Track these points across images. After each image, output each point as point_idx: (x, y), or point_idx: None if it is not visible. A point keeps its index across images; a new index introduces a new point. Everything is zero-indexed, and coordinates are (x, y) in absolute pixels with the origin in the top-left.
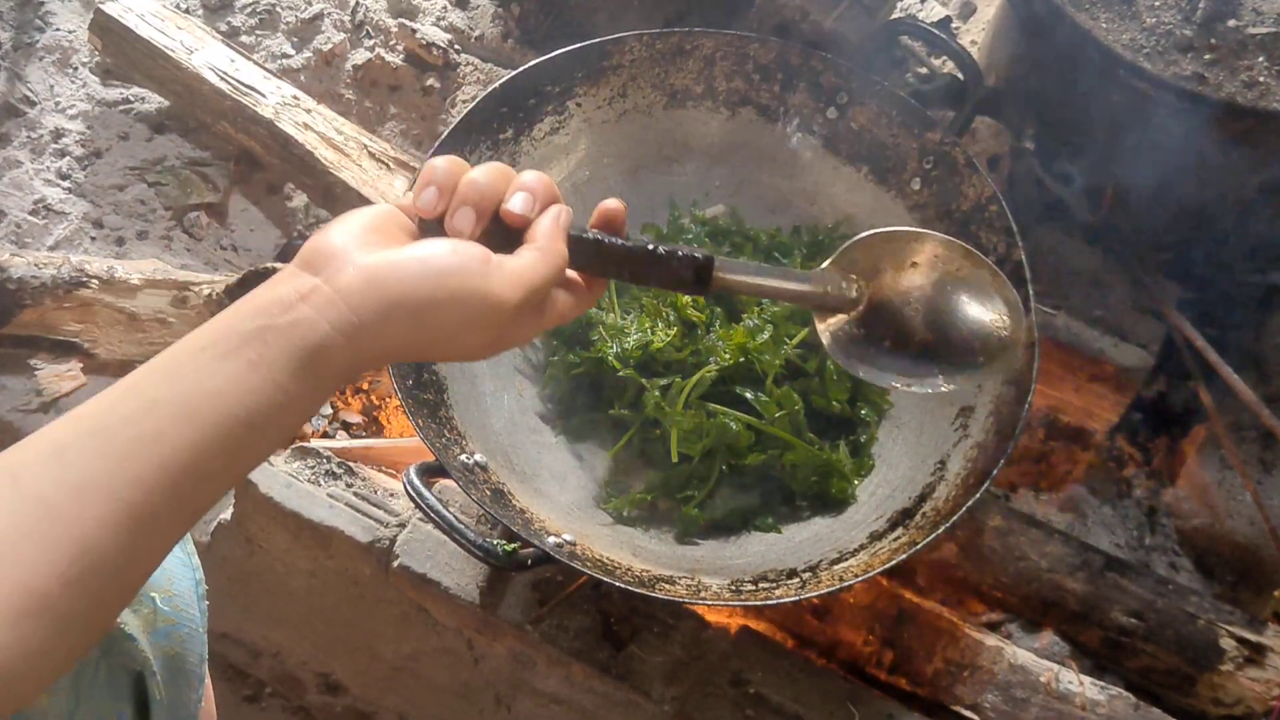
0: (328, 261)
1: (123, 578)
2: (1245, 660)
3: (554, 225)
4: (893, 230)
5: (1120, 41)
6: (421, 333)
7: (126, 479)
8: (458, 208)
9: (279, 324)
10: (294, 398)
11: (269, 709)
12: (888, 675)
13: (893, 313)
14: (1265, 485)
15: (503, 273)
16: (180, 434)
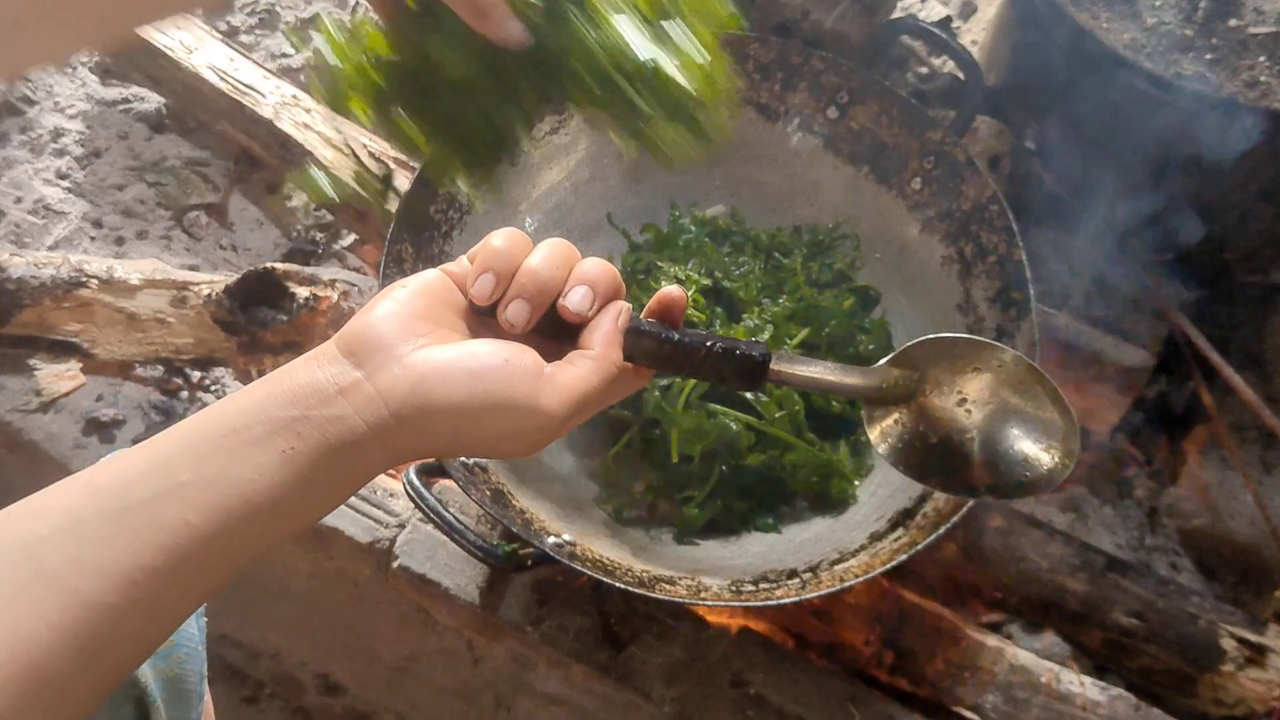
0: (372, 354)
1: (133, 651)
2: (1246, 661)
3: (612, 329)
4: (959, 336)
5: (1121, 41)
6: (461, 440)
7: (143, 565)
8: (513, 298)
9: (315, 417)
10: (320, 493)
11: (268, 710)
12: (888, 676)
13: (944, 420)
14: (1266, 485)
15: (553, 386)
16: (203, 523)
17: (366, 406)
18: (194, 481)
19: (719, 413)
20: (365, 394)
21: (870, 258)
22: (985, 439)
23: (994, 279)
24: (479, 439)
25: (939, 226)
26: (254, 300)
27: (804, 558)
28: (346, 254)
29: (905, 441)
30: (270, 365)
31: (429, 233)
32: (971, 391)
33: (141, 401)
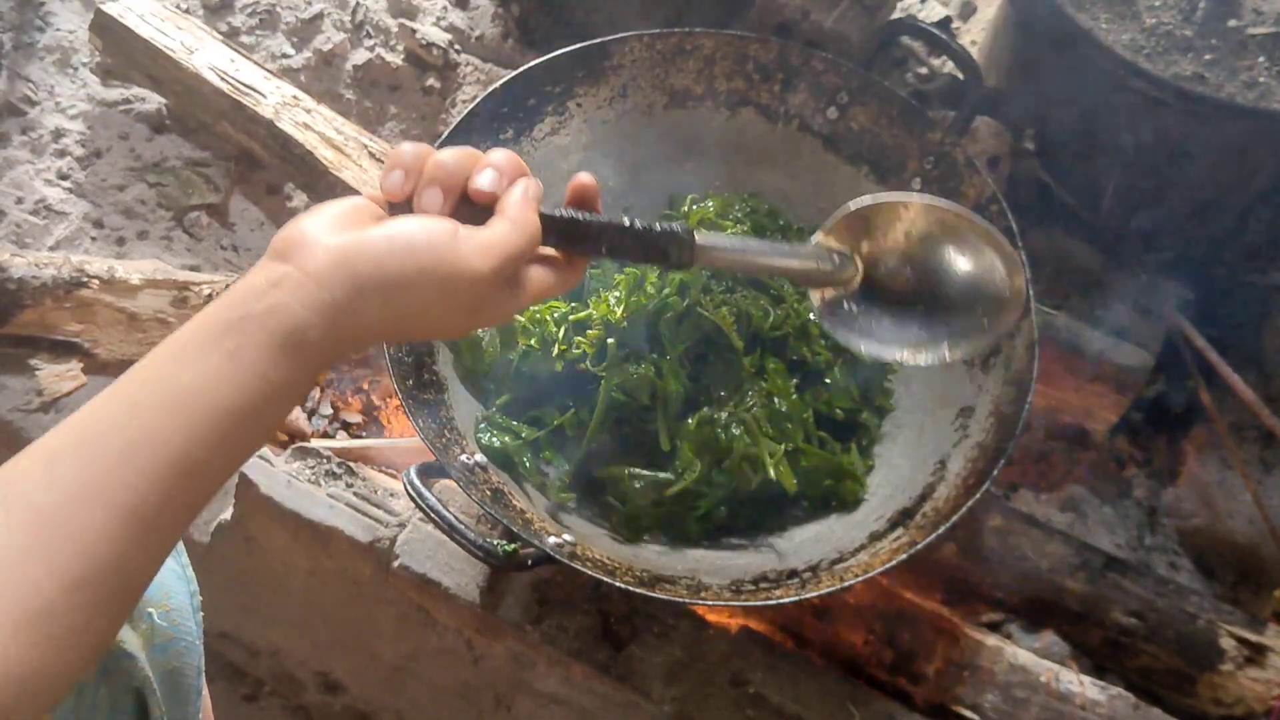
0: (298, 248)
1: (123, 583)
2: (1245, 660)
3: (523, 197)
4: (880, 197)
5: (1120, 42)
6: (395, 308)
7: (118, 483)
8: (425, 188)
9: (253, 313)
10: (276, 384)
11: (268, 708)
12: (888, 675)
13: (889, 284)
14: (1265, 485)
15: (473, 243)
16: (166, 433)
17: (299, 291)
18: (150, 399)
19: (725, 425)
20: (296, 280)
21: None
22: (932, 292)
23: None
24: (413, 306)
25: None
26: None
27: (804, 557)
28: None
29: (856, 317)
30: None
31: None
32: (908, 250)
33: None
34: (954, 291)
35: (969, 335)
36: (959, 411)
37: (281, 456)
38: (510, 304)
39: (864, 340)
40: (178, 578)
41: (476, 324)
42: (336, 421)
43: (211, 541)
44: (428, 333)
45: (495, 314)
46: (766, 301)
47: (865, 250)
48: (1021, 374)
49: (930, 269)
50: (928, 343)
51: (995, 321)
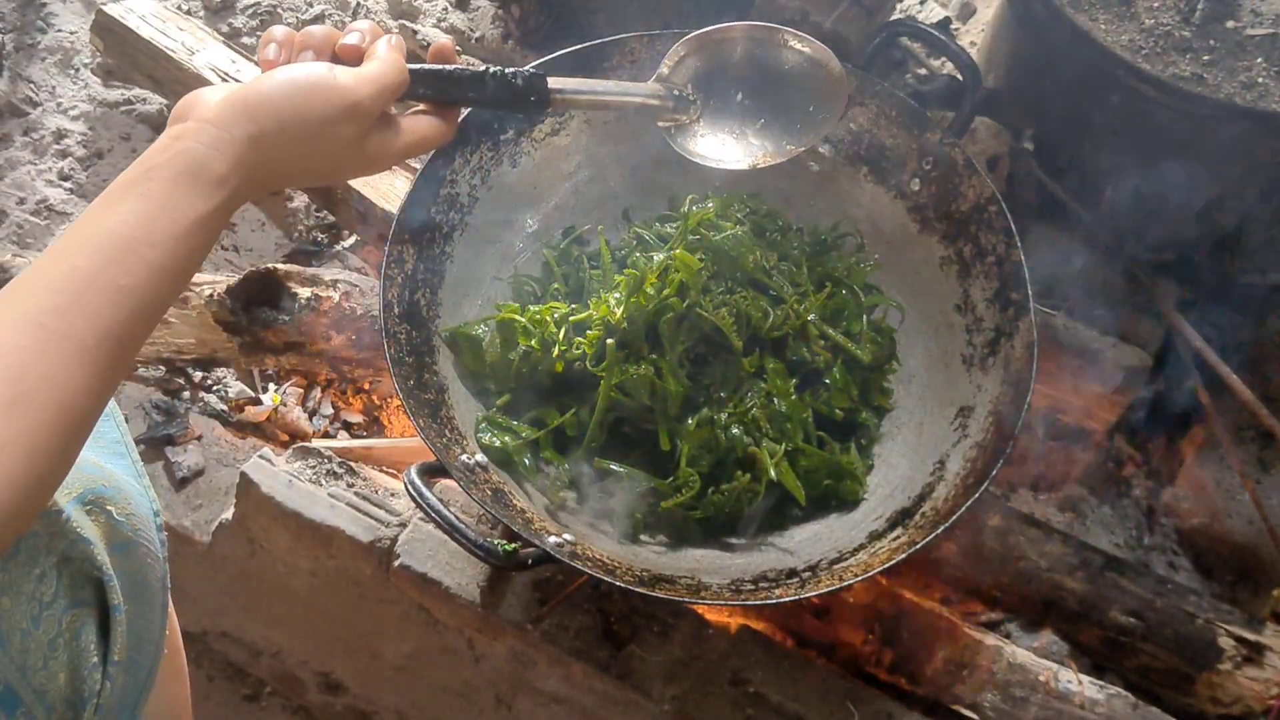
0: (192, 106)
1: (58, 401)
2: (1244, 659)
3: (388, 44)
4: (701, 31)
5: (1119, 42)
6: (291, 137)
7: (48, 309)
8: (298, 54)
9: (161, 161)
10: (190, 215)
11: (269, 708)
12: (887, 674)
13: (729, 106)
14: (1264, 485)
15: (348, 74)
16: (86, 263)
17: (199, 134)
18: (71, 243)
19: (727, 426)
20: (194, 128)
21: (869, 258)
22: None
23: (992, 279)
24: (306, 134)
25: (938, 227)
26: (256, 300)
27: (803, 557)
28: (348, 254)
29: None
30: (272, 365)
31: (429, 233)
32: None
33: (143, 401)
34: (786, 97)
35: (808, 128)
36: (958, 411)
37: (283, 456)
38: (391, 142)
39: (718, 157)
40: (138, 493)
41: (367, 161)
42: (337, 421)
43: (212, 542)
44: (325, 166)
45: (381, 151)
46: (766, 302)
47: (701, 82)
48: (1020, 374)
49: (760, 84)
50: (774, 147)
51: (829, 111)
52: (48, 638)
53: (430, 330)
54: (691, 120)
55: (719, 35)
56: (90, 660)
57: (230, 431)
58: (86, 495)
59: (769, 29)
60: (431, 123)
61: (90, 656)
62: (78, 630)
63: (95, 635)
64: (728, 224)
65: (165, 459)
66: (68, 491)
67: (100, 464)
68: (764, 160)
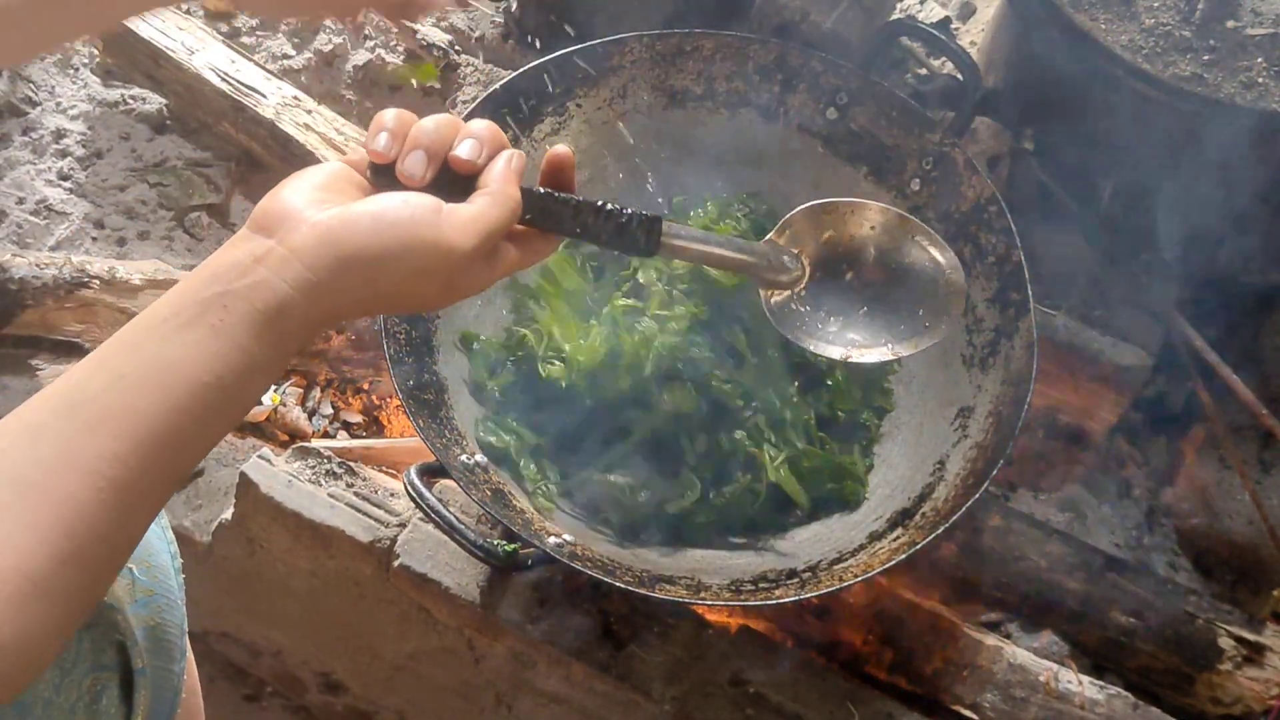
0: (281, 222)
1: (110, 551)
2: (1244, 660)
3: (506, 169)
4: (830, 201)
5: (1119, 42)
6: (377, 286)
7: (102, 454)
8: (409, 152)
9: (237, 288)
10: (258, 359)
11: (269, 708)
12: (887, 675)
13: (835, 285)
14: (1264, 485)
15: (455, 220)
16: (150, 405)
17: (283, 267)
18: (134, 370)
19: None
20: (279, 256)
21: None
22: (877, 293)
23: (993, 279)
24: (394, 284)
25: (938, 227)
26: None
27: (803, 557)
28: None
29: (804, 317)
30: None
31: None
32: (855, 252)
33: None
34: (897, 293)
35: (911, 335)
36: (958, 412)
37: (282, 456)
38: (484, 277)
39: (811, 338)
40: (158, 538)
41: (451, 298)
42: (337, 421)
43: (212, 542)
44: (404, 307)
45: (469, 287)
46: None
47: (813, 252)
48: (1020, 374)
49: (874, 271)
50: (871, 342)
51: (936, 322)
52: (69, 703)
53: (430, 330)
54: (795, 287)
55: (845, 208)
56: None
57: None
58: None
59: (901, 217)
60: (526, 252)
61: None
62: (99, 693)
63: (117, 698)
64: (724, 225)
65: None
66: None
67: None
68: (857, 355)
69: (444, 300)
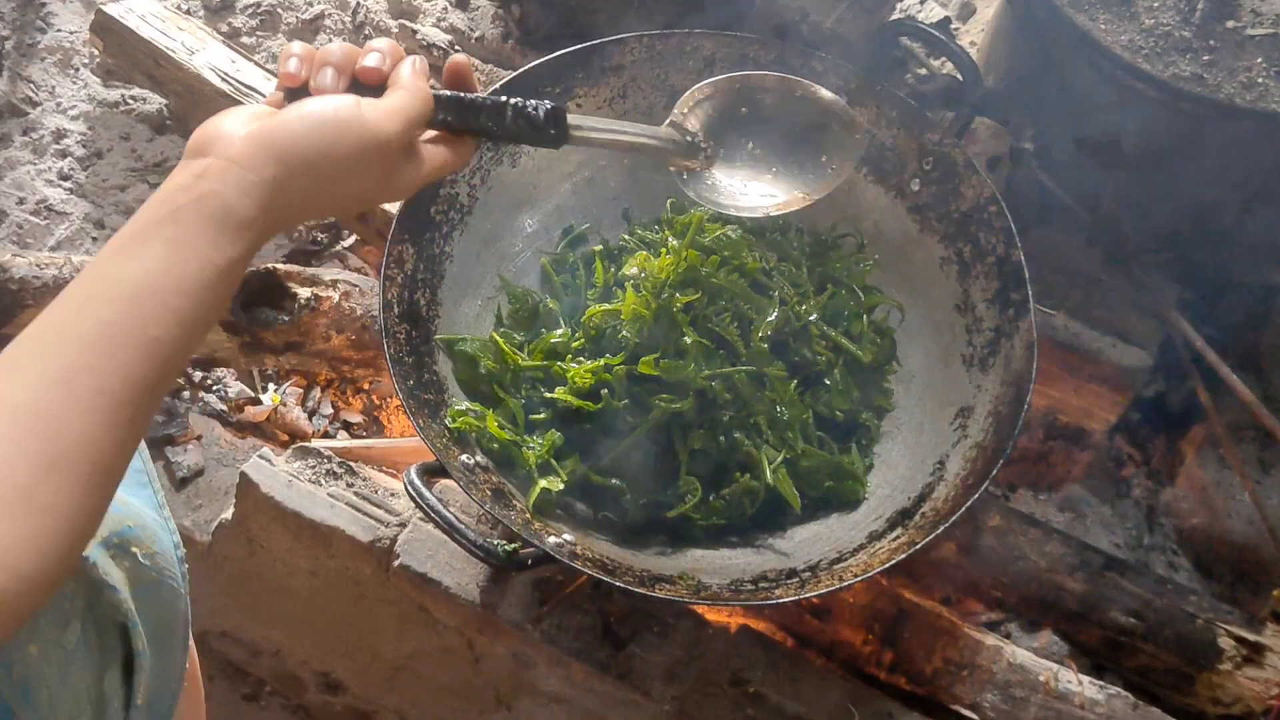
0: (214, 142)
1: (96, 458)
2: (1244, 659)
3: (412, 69)
4: (712, 81)
5: (1119, 42)
6: (318, 179)
7: (77, 366)
8: (319, 70)
9: (185, 203)
10: (218, 263)
11: (269, 708)
12: (887, 675)
13: (742, 154)
14: (1263, 485)
15: (375, 109)
16: (117, 317)
17: (225, 175)
18: (100, 292)
19: (729, 427)
20: (220, 167)
21: (869, 258)
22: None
23: (992, 279)
24: (333, 174)
25: (938, 227)
26: (256, 301)
27: (803, 557)
28: (348, 254)
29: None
30: (271, 365)
31: (429, 233)
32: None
33: None
34: (800, 147)
35: (820, 180)
36: (958, 412)
37: (282, 456)
38: (413, 173)
39: (731, 204)
40: (161, 528)
41: (389, 193)
42: (337, 421)
43: (212, 542)
44: (349, 203)
45: (403, 183)
46: (766, 304)
47: (713, 130)
48: (1020, 374)
49: (773, 134)
50: (786, 194)
51: (842, 162)
52: (73, 685)
53: (430, 330)
54: (703, 167)
55: (732, 83)
56: (113, 705)
57: (230, 431)
58: (113, 539)
59: (783, 79)
60: (449, 151)
61: (113, 701)
62: (102, 675)
63: (119, 680)
64: (719, 225)
65: (165, 459)
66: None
67: (125, 500)
68: (776, 209)
69: (383, 193)
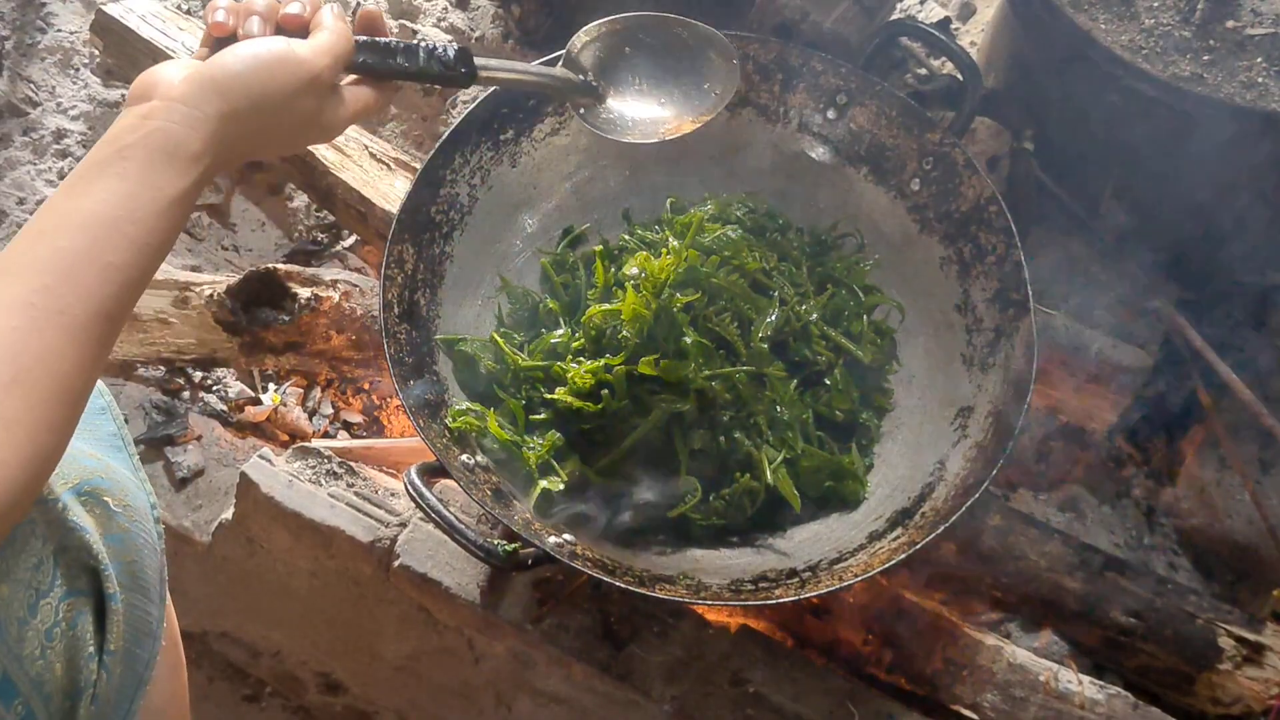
0: (154, 86)
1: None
2: (1244, 659)
3: (331, 11)
4: (592, 25)
5: (1119, 42)
6: (259, 114)
7: (33, 288)
8: (245, 18)
9: (132, 141)
10: (168, 190)
11: (269, 708)
12: (887, 674)
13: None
14: (1263, 485)
15: (305, 47)
16: (70, 243)
17: (169, 113)
18: (53, 225)
19: (730, 429)
20: (163, 107)
21: (869, 259)
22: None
23: (992, 279)
24: (273, 107)
25: (938, 227)
26: (256, 301)
27: (803, 557)
28: (348, 254)
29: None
30: (271, 365)
31: (429, 233)
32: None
33: (143, 402)
34: (683, 78)
35: (706, 104)
36: (958, 412)
37: (282, 456)
38: (341, 112)
39: (628, 134)
40: (136, 486)
41: (322, 130)
42: (337, 421)
43: (212, 542)
44: (289, 138)
45: (334, 122)
46: (766, 304)
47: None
48: (1020, 374)
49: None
50: (677, 121)
51: (725, 87)
52: (44, 627)
53: (430, 330)
54: (597, 102)
55: (613, 26)
56: (86, 650)
57: (230, 431)
58: (83, 486)
59: (658, 18)
60: (370, 93)
61: (86, 646)
62: (74, 619)
63: (92, 625)
64: (716, 225)
65: (165, 459)
66: (64, 481)
67: (98, 456)
68: (669, 134)
69: (316, 130)
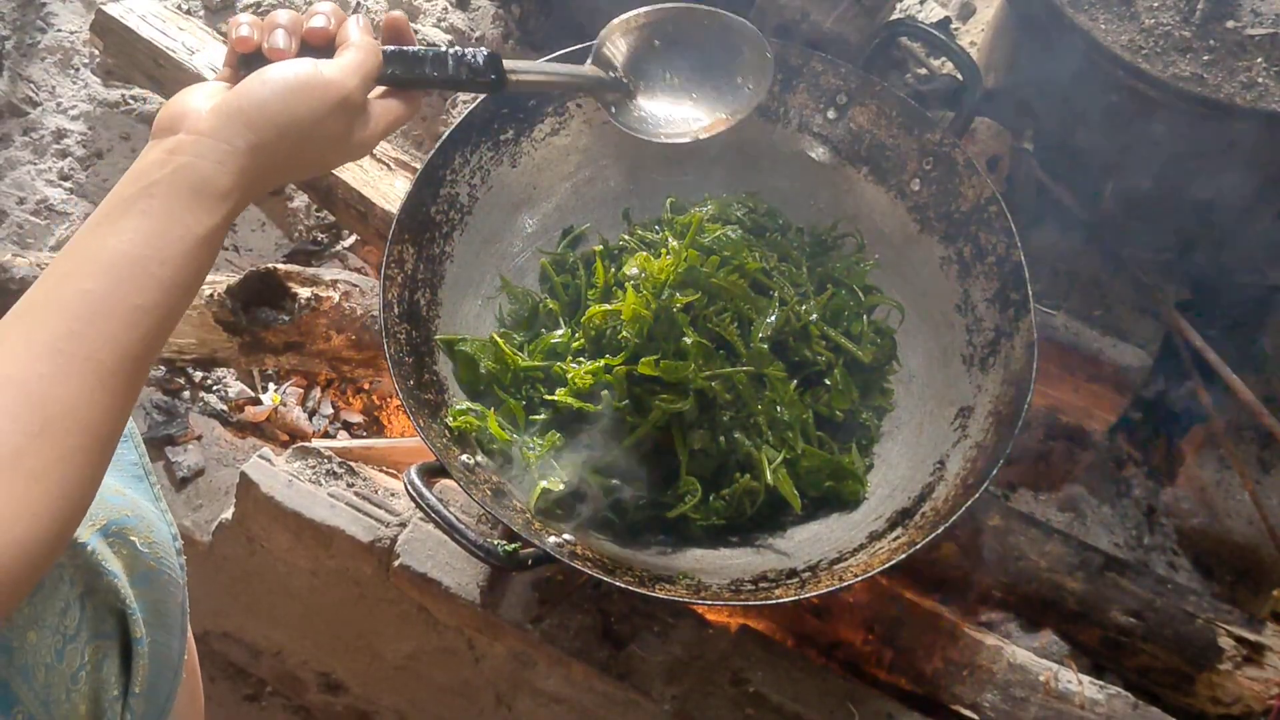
0: (182, 119)
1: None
2: (1244, 659)
3: (359, 27)
4: (621, 19)
5: (1119, 42)
6: (288, 141)
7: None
8: (271, 32)
9: (159, 178)
10: (197, 232)
11: (269, 708)
12: (887, 674)
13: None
14: (1263, 485)
15: (331, 66)
16: (96, 285)
17: (197, 147)
18: (78, 267)
19: (730, 429)
20: (191, 141)
21: (869, 259)
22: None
23: (992, 279)
24: (301, 134)
25: (938, 227)
26: (256, 301)
27: (803, 557)
28: (348, 254)
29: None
30: (271, 365)
31: (429, 233)
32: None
33: (144, 401)
34: (715, 73)
35: (740, 100)
36: (958, 412)
37: (282, 456)
38: (369, 129)
39: (660, 132)
40: (158, 518)
41: (350, 151)
42: (337, 421)
43: (213, 542)
44: (317, 163)
45: (365, 140)
46: (766, 304)
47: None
48: (1020, 374)
49: (689, 63)
50: (710, 118)
51: (759, 82)
52: (70, 670)
53: (430, 330)
54: (628, 99)
55: (641, 20)
56: (111, 692)
57: (230, 431)
58: (110, 527)
59: (688, 9)
60: (399, 105)
61: (112, 689)
62: (100, 662)
63: (117, 667)
64: (716, 225)
65: (165, 459)
66: (92, 523)
67: (122, 491)
68: (704, 131)
69: (345, 150)
